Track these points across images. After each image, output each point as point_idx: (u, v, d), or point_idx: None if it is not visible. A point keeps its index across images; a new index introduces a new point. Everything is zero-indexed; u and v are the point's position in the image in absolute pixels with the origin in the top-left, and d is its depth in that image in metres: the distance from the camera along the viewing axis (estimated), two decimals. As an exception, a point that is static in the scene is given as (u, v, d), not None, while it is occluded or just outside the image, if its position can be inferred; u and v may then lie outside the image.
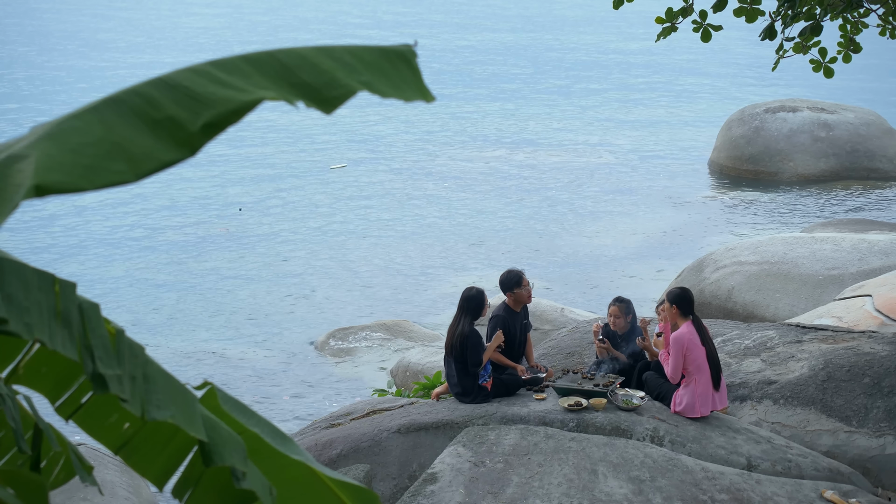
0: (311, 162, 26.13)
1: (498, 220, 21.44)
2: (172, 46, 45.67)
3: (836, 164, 24.60)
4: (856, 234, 15.68)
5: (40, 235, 19.50)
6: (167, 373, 2.69)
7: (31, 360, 2.91)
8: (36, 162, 2.23)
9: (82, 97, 30.88)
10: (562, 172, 25.51)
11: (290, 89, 2.42)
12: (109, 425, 2.99)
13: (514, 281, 9.24)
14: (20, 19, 53.50)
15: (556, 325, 13.42)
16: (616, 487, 7.51)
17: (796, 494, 7.59)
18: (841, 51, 10.64)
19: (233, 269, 18.15)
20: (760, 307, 14.36)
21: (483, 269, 18.33)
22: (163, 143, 2.32)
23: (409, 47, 2.58)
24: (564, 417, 8.41)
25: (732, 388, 9.32)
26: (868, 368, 9.16)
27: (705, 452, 8.12)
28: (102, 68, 38.89)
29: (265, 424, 3.03)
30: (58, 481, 3.09)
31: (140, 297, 16.75)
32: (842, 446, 8.68)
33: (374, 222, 21.14)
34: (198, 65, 2.48)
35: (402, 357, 13.51)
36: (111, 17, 56.20)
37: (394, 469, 8.43)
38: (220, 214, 21.39)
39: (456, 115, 32.10)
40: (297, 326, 15.78)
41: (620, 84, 39.31)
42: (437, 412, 8.73)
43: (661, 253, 19.31)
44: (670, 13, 10.20)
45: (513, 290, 9.24)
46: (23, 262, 2.45)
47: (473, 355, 8.78)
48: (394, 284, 17.63)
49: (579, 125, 31.57)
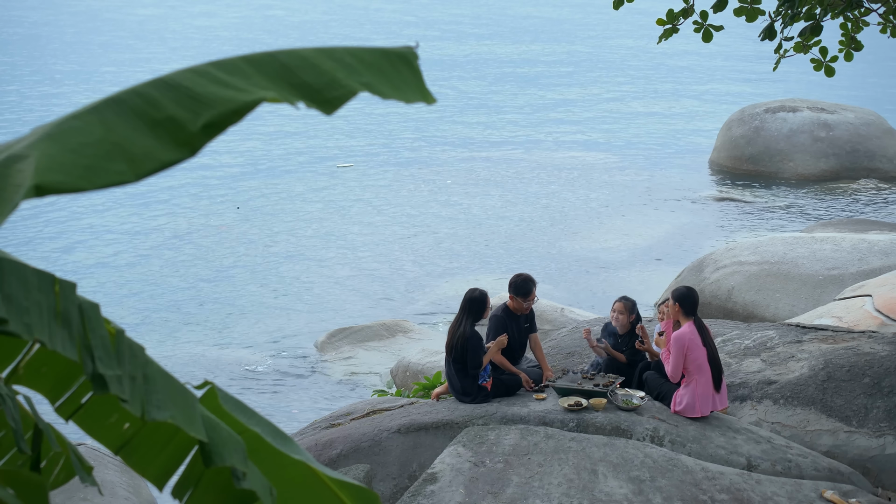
0: (315, 160, 26.10)
1: (498, 220, 21.43)
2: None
3: (836, 164, 24.59)
4: (856, 234, 15.68)
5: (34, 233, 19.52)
6: (167, 373, 2.68)
7: (31, 361, 2.91)
8: (36, 162, 2.23)
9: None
10: (561, 173, 25.50)
11: (290, 90, 2.42)
12: (109, 425, 2.99)
13: (525, 290, 9.18)
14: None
15: (556, 325, 13.41)
16: (616, 487, 7.51)
17: (796, 494, 7.58)
18: (842, 49, 10.63)
19: (232, 269, 18.14)
20: (760, 307, 14.35)
21: (484, 269, 18.33)
22: (163, 143, 2.32)
23: (411, 49, 2.58)
24: (564, 417, 8.40)
25: (732, 388, 9.32)
26: (868, 368, 9.16)
27: (705, 452, 8.12)
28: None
29: (265, 424, 3.02)
30: (58, 481, 3.08)
31: (140, 298, 16.75)
32: (842, 446, 8.68)
33: (374, 222, 21.13)
34: (198, 65, 2.48)
35: (402, 357, 13.50)
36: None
37: (394, 469, 8.42)
38: (219, 213, 21.38)
39: (457, 115, 32.09)
40: (298, 326, 15.77)
41: (621, 84, 39.29)
42: (437, 412, 8.72)
43: (660, 253, 19.30)
44: (671, 14, 10.16)
45: (519, 296, 9.21)
46: (23, 263, 2.45)
47: (474, 357, 8.77)
48: (394, 285, 17.62)
49: (579, 125, 31.55)
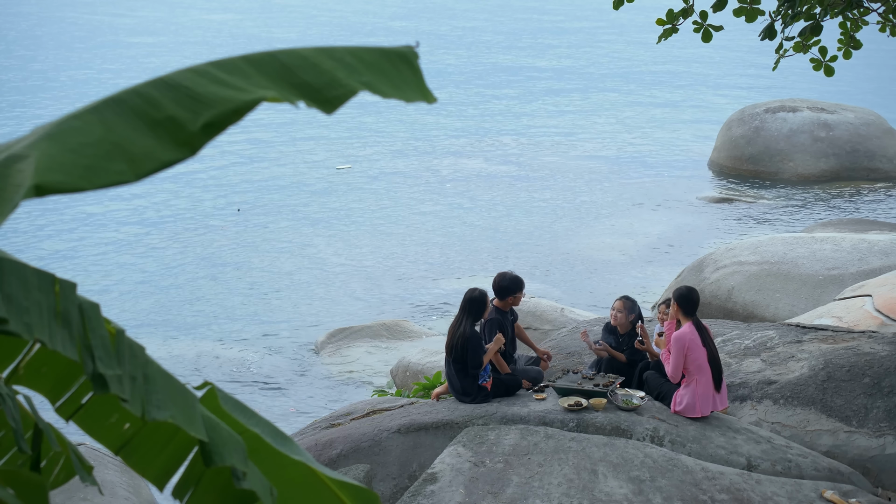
0: (313, 162, 26.11)
1: (499, 220, 21.43)
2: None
3: (836, 164, 24.59)
4: (856, 234, 15.68)
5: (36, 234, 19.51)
6: (167, 373, 2.68)
7: (32, 361, 2.90)
8: (36, 162, 2.23)
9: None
10: (561, 173, 25.50)
11: (290, 89, 2.42)
12: (109, 425, 2.99)
13: (515, 288, 9.31)
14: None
15: (556, 325, 13.40)
16: (616, 487, 7.51)
17: (796, 494, 7.58)
18: (841, 48, 10.63)
19: (232, 269, 18.14)
20: (760, 307, 14.35)
21: (483, 269, 18.33)
22: (163, 143, 2.32)
23: (411, 48, 2.58)
24: (564, 417, 8.40)
25: (732, 388, 9.32)
26: (868, 368, 9.16)
27: (705, 452, 8.12)
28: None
29: (265, 424, 3.02)
30: (58, 481, 3.08)
31: (139, 298, 16.74)
32: (842, 446, 8.68)
33: (374, 223, 21.13)
34: (198, 65, 2.48)
35: (402, 357, 13.49)
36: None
37: (394, 469, 8.42)
38: (219, 214, 21.38)
39: (457, 116, 32.09)
40: (298, 326, 15.77)
41: (620, 84, 39.29)
42: (437, 412, 8.72)
43: (660, 253, 19.31)
44: (671, 14, 10.16)
45: (510, 295, 9.30)
46: (23, 263, 2.45)
47: (474, 357, 8.77)
48: (394, 285, 17.62)
49: (579, 126, 31.55)
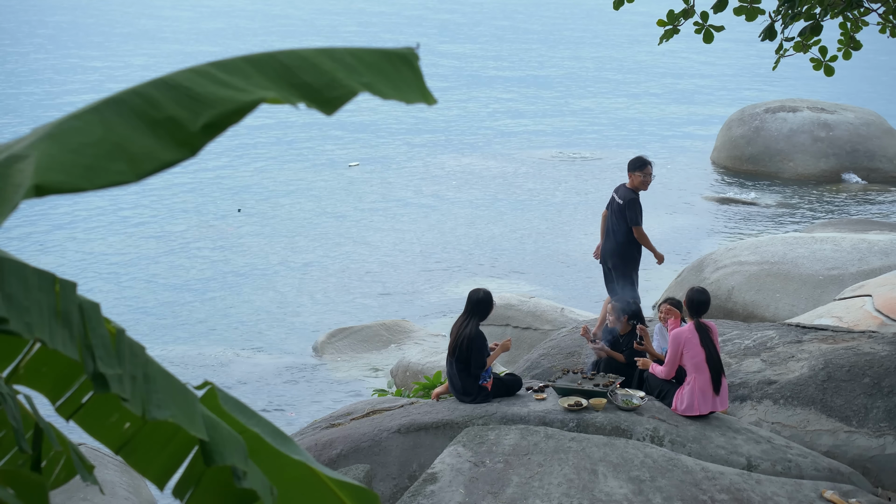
0: (311, 163, 26.12)
1: (499, 221, 21.43)
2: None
3: (836, 164, 24.59)
4: (856, 234, 15.68)
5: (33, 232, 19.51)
6: (168, 372, 2.68)
7: (32, 360, 2.91)
8: (36, 162, 2.23)
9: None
10: (561, 173, 25.50)
11: (290, 90, 2.42)
12: (110, 425, 2.99)
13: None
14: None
15: (556, 325, 13.41)
16: (616, 487, 7.51)
17: (796, 494, 7.58)
18: (841, 48, 10.63)
19: (232, 270, 18.14)
20: (760, 307, 14.35)
21: (483, 269, 18.34)
22: (163, 143, 2.32)
23: (411, 49, 2.58)
24: (564, 417, 8.41)
25: (732, 388, 9.32)
26: (868, 368, 9.16)
27: (705, 452, 8.12)
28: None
29: (265, 424, 3.02)
30: (58, 481, 3.08)
31: (139, 298, 16.74)
32: (842, 446, 8.68)
33: (374, 223, 21.13)
34: (198, 65, 2.48)
35: (402, 357, 13.50)
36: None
37: (394, 469, 8.42)
38: (219, 214, 21.38)
39: (458, 116, 32.09)
40: (298, 326, 15.77)
41: (620, 85, 39.28)
42: (437, 412, 8.72)
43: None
44: (671, 15, 10.16)
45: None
46: (23, 262, 2.45)
47: (478, 358, 8.79)
48: (394, 285, 17.62)
49: (578, 126, 31.55)
